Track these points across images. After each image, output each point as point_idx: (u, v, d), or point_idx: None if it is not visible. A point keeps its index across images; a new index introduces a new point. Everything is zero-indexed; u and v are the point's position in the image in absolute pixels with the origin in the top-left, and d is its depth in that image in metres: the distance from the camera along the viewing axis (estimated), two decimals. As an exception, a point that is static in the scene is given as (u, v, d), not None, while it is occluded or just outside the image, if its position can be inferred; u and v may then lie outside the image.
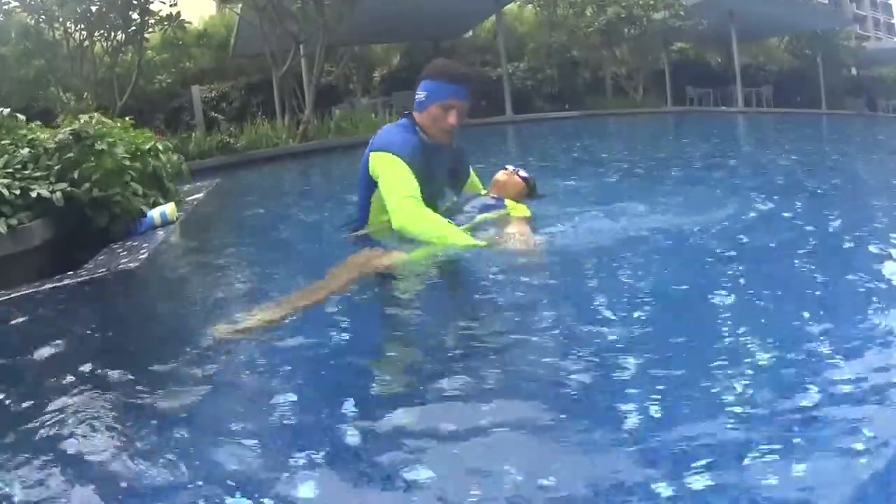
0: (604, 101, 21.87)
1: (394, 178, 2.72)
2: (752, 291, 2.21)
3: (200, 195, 5.79)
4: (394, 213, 2.67)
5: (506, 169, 3.39)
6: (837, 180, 5.77)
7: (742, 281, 2.33)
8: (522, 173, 3.40)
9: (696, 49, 27.13)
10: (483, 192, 3.32)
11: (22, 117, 4.33)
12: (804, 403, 1.37)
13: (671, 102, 23.14)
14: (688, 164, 7.20)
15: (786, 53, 29.54)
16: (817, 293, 2.23)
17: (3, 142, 3.81)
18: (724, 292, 2.11)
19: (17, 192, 3.30)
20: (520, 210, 3.08)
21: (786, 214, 3.64)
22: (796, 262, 2.57)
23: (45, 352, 1.97)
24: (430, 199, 2.81)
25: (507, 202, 3.11)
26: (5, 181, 3.30)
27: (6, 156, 3.61)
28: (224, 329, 1.97)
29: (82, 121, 4.00)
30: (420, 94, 2.90)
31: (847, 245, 2.88)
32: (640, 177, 6.06)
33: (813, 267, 2.54)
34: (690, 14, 21.74)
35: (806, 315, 1.89)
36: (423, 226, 2.63)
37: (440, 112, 2.84)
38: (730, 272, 2.43)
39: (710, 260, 2.61)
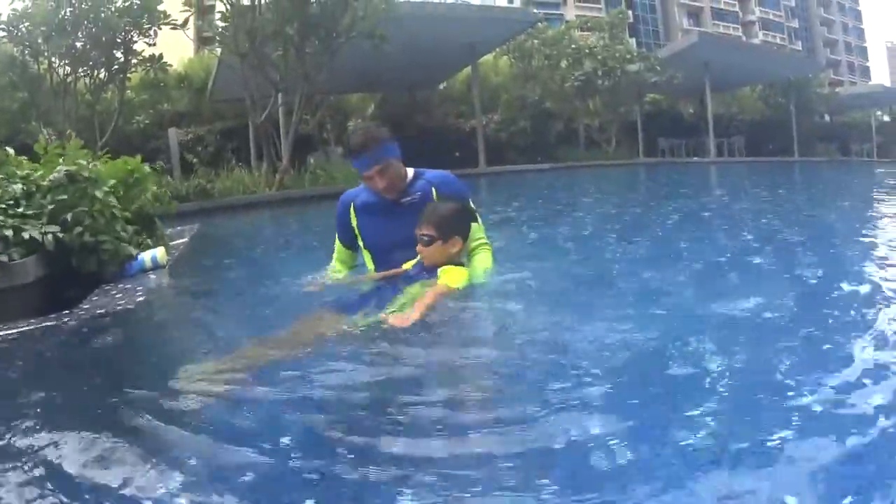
0: (576, 152, 22.25)
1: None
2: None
3: (185, 239, 5.78)
4: None
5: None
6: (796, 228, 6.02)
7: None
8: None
9: (669, 100, 27.71)
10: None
11: (10, 150, 4.30)
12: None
13: (643, 154, 23.60)
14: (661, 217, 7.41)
15: (759, 102, 30.25)
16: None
17: (-4, 179, 3.79)
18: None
19: (10, 232, 3.30)
20: (449, 278, 2.69)
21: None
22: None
23: (51, 390, 1.95)
24: (404, 248, 2.89)
25: (440, 271, 2.75)
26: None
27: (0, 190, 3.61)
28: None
29: (76, 163, 4.00)
30: None
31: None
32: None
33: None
34: (665, 65, 22.25)
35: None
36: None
37: (367, 181, 2.95)
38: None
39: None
